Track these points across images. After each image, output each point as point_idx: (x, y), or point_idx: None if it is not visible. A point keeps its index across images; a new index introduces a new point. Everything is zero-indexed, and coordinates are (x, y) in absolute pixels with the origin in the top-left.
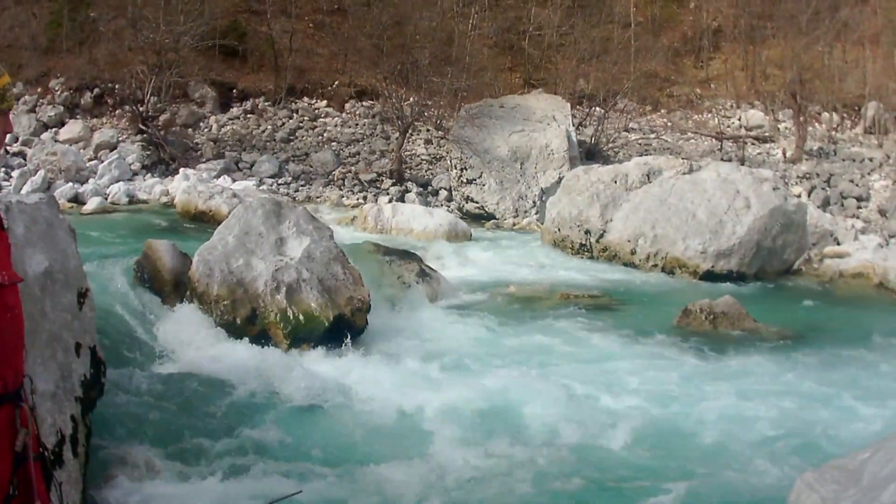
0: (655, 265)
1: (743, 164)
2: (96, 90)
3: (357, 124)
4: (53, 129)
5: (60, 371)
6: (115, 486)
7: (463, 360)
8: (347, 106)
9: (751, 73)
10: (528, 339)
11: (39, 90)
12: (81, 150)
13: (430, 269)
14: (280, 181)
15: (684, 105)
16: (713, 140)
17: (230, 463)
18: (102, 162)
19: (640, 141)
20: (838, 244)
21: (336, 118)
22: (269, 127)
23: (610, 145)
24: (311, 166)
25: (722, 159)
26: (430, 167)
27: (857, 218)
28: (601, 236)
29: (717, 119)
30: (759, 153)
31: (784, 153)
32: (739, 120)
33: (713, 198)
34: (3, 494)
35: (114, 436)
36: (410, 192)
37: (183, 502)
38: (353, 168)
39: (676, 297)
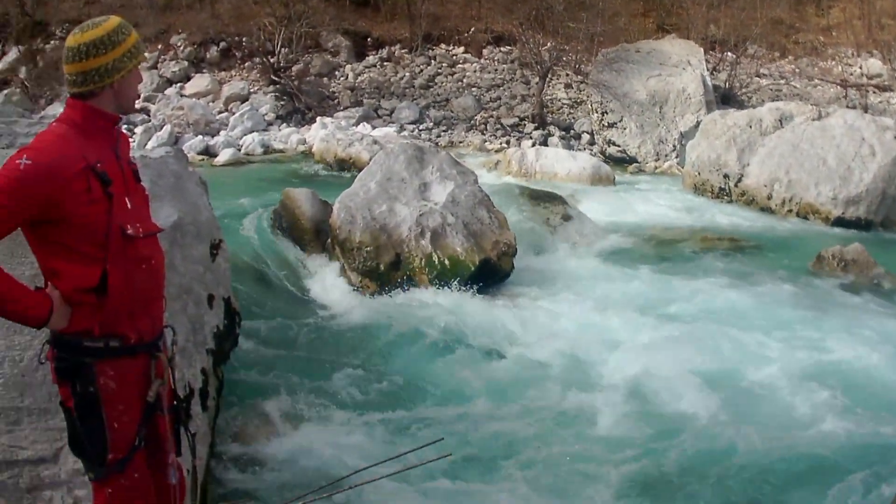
0: (790, 210)
1: (866, 112)
2: (222, 44)
3: (496, 70)
4: (178, 85)
5: (191, 324)
6: (246, 439)
7: (607, 305)
8: (485, 52)
9: (867, 23)
10: (670, 283)
11: (160, 47)
12: (210, 104)
13: (576, 211)
14: (421, 127)
15: (809, 52)
16: (838, 87)
17: (369, 412)
18: (233, 114)
19: (770, 87)
20: None
21: (474, 64)
22: (407, 74)
23: (743, 90)
24: (452, 112)
25: (847, 107)
26: (572, 111)
27: None
28: (739, 180)
29: (840, 67)
30: (879, 102)
31: None
32: (860, 68)
33: (841, 144)
34: (129, 445)
35: (248, 387)
36: (553, 135)
37: (318, 454)
38: (494, 113)
39: (810, 242)
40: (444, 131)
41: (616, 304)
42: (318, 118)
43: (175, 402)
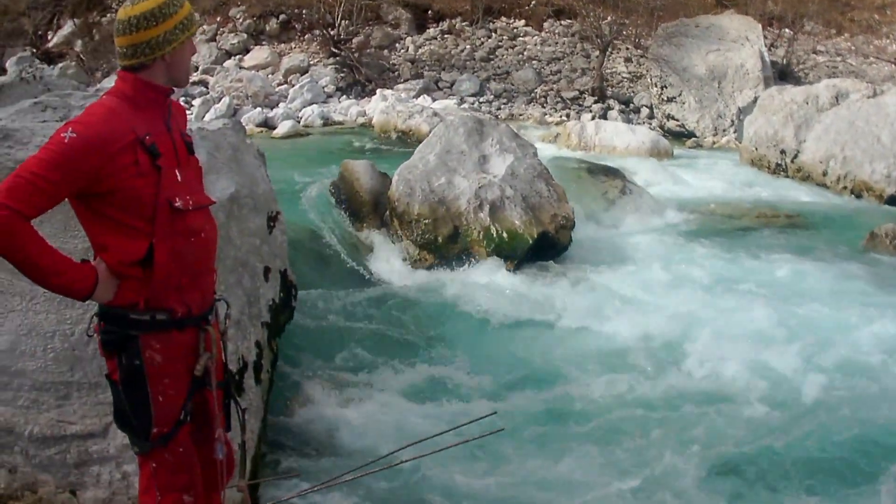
0: (845, 187)
1: None
2: (282, 16)
3: (556, 43)
4: (237, 57)
5: (247, 297)
6: (299, 411)
7: (665, 279)
8: (546, 25)
9: None
10: (725, 258)
11: (219, 19)
12: (269, 76)
13: (634, 185)
14: (481, 99)
15: (865, 30)
16: (892, 66)
17: (423, 386)
18: (293, 86)
19: (827, 63)
20: None
21: (535, 37)
22: (468, 46)
23: (800, 67)
24: (513, 84)
25: None
26: (631, 85)
27: None
28: (795, 156)
29: (895, 45)
30: None
31: None
32: None
33: (895, 122)
34: (174, 419)
35: (302, 361)
36: (612, 109)
37: (373, 428)
38: (554, 86)
39: (864, 219)
40: (504, 104)
41: (675, 278)
42: (379, 90)
43: (225, 377)
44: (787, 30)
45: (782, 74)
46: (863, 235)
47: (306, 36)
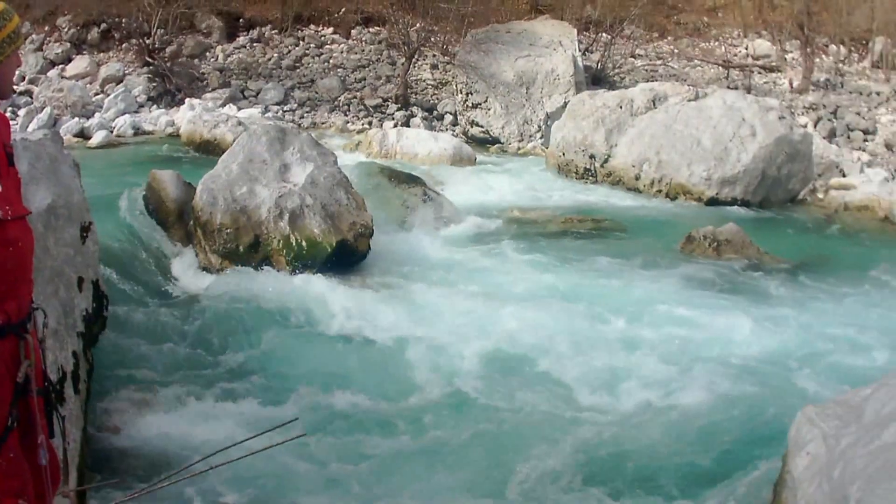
0: (660, 191)
1: (749, 93)
2: (103, 25)
3: (363, 51)
4: (60, 66)
5: (63, 307)
6: (116, 420)
7: (463, 286)
8: (354, 33)
9: (758, 3)
10: (531, 264)
11: (47, 28)
12: (88, 85)
13: (435, 192)
14: (286, 108)
15: (691, 33)
16: (719, 68)
17: (231, 393)
18: (109, 96)
19: (646, 67)
20: (844, 176)
21: (342, 45)
22: (276, 55)
23: (616, 71)
24: (317, 93)
25: (728, 87)
26: (436, 92)
27: (864, 151)
28: (606, 161)
29: (723, 47)
30: (765, 82)
31: (790, 83)
32: (746, 49)
33: (718, 125)
34: (2, 424)
35: (116, 370)
36: (416, 116)
37: (184, 435)
38: (358, 94)
39: (681, 223)
40: (307, 112)
41: (474, 285)
42: (187, 99)
43: (46, 385)
44: (604, 34)
45: (596, 79)
46: (679, 239)
47: (123, 45)
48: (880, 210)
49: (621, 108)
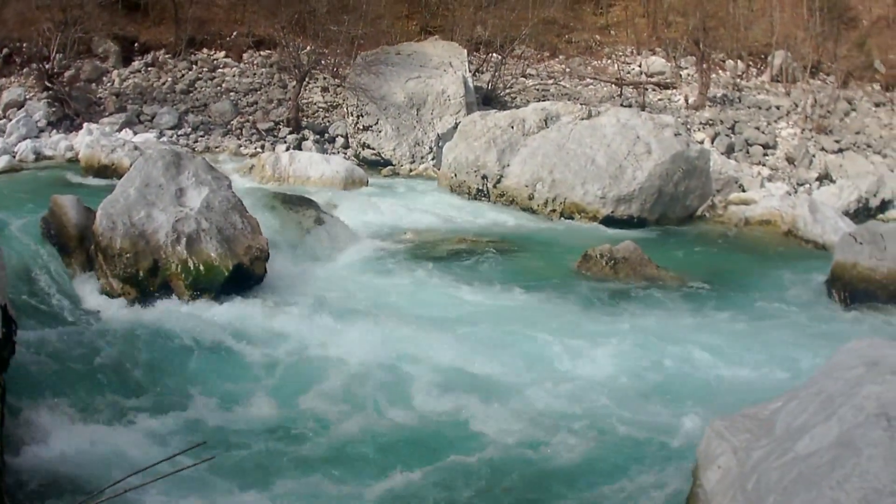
0: (554, 210)
1: (643, 110)
2: (5, 50)
3: (255, 74)
4: None
5: None
6: (27, 445)
7: (359, 307)
8: (245, 56)
9: (652, 21)
10: (425, 284)
11: None
12: None
13: (329, 215)
14: (180, 132)
15: (583, 51)
16: (612, 86)
17: (139, 416)
18: (10, 121)
19: (537, 87)
20: (744, 191)
21: (235, 68)
22: (170, 79)
23: (507, 91)
24: (210, 117)
25: (622, 105)
26: (327, 115)
27: (764, 165)
28: (498, 181)
29: (616, 65)
30: (660, 99)
31: (686, 100)
32: (640, 66)
33: (612, 143)
34: None
35: (26, 395)
36: (307, 139)
37: (97, 459)
38: (250, 117)
39: (576, 242)
40: (201, 136)
41: (366, 306)
42: (85, 124)
43: None
44: (496, 54)
45: (487, 99)
46: (575, 258)
47: (24, 69)
48: (783, 224)
49: (513, 127)
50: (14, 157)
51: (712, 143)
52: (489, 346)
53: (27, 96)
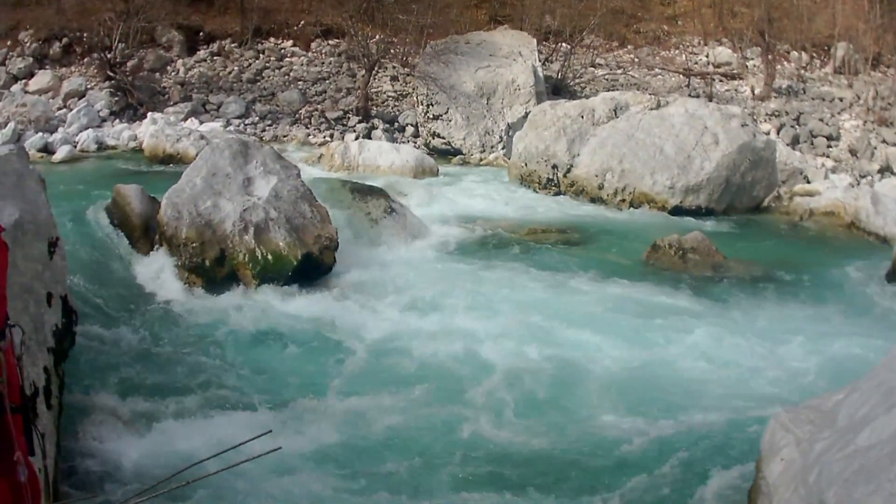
0: (623, 200)
1: (710, 101)
2: (65, 40)
3: (323, 63)
4: (23, 81)
5: (33, 323)
6: (89, 435)
7: (429, 298)
8: (313, 45)
9: (718, 11)
10: (496, 275)
11: (9, 43)
12: (50, 100)
13: (398, 204)
14: (247, 121)
15: (651, 41)
16: (680, 76)
17: (202, 406)
18: (72, 110)
19: (606, 77)
20: (808, 182)
21: (302, 57)
22: (236, 68)
23: (577, 81)
24: (278, 106)
25: (689, 95)
26: (397, 104)
27: (828, 157)
28: (568, 171)
29: (684, 56)
30: (726, 90)
31: (752, 90)
32: (707, 57)
33: (681, 133)
34: None
35: (87, 385)
36: (377, 128)
37: (155, 448)
38: (319, 107)
39: (645, 232)
40: (269, 125)
41: (435, 297)
42: (149, 114)
43: (23, 401)
44: (565, 44)
45: (556, 89)
46: (644, 248)
47: (86, 59)
48: (846, 216)
49: (583, 117)
50: (75, 146)
51: (778, 133)
52: (554, 337)
53: (88, 86)
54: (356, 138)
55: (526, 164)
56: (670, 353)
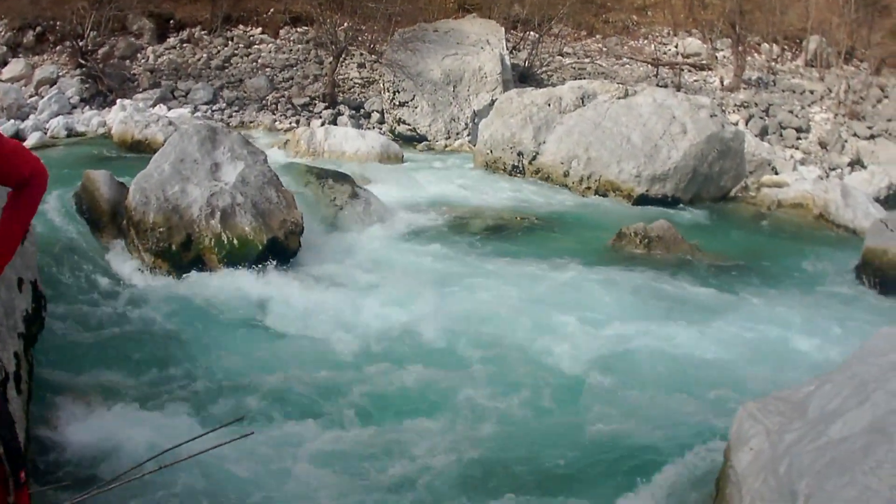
0: (589, 188)
1: (679, 91)
2: (38, 29)
3: (291, 50)
4: None
5: (3, 308)
6: (58, 421)
7: (393, 282)
8: (282, 33)
9: (689, 2)
10: (460, 260)
11: None
12: (23, 88)
13: (363, 190)
14: (214, 108)
15: (620, 31)
16: (649, 66)
17: (172, 391)
18: (43, 98)
19: (574, 65)
20: (776, 174)
21: (270, 45)
22: (205, 55)
23: (544, 69)
24: (246, 92)
25: (658, 85)
26: (363, 90)
27: (797, 149)
28: (534, 158)
29: (653, 46)
30: (695, 80)
31: (721, 81)
32: (676, 47)
33: (648, 122)
34: None
35: (55, 370)
36: (343, 115)
37: (127, 434)
38: (286, 93)
39: (611, 220)
40: (236, 111)
41: (401, 281)
42: (119, 100)
43: None
44: (533, 32)
45: (524, 77)
46: (610, 236)
47: (58, 47)
48: (815, 208)
49: (549, 105)
50: (46, 133)
51: (746, 125)
52: (524, 325)
53: (60, 73)
54: (322, 124)
55: (491, 151)
56: (632, 342)
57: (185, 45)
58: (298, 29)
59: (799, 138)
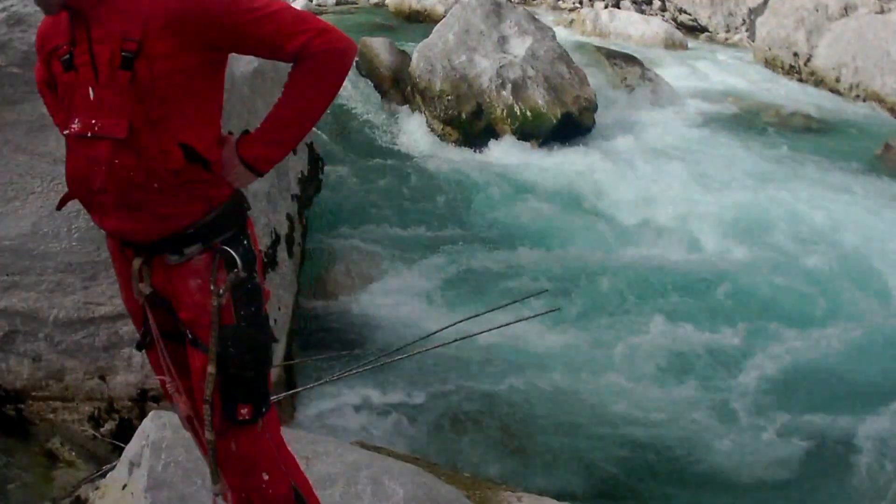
0: (857, 95)
1: None
2: None
3: None
4: None
5: (276, 169)
6: (331, 291)
7: (683, 165)
8: None
9: None
10: (744, 154)
11: None
12: None
13: (653, 73)
14: None
15: None
16: None
17: (459, 263)
18: None
19: None
20: None
21: None
22: None
23: None
24: None
25: None
26: None
27: None
28: (808, 60)
29: None
30: None
31: None
32: None
33: None
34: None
35: (331, 236)
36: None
37: (406, 308)
38: None
39: (877, 130)
40: None
41: (691, 167)
42: None
43: None
44: None
45: None
46: (877, 145)
47: None
48: None
49: (817, 10)
50: (311, 1)
51: None
52: (791, 224)
53: None
54: (605, 7)
55: (770, 49)
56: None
57: None
58: None
59: None
